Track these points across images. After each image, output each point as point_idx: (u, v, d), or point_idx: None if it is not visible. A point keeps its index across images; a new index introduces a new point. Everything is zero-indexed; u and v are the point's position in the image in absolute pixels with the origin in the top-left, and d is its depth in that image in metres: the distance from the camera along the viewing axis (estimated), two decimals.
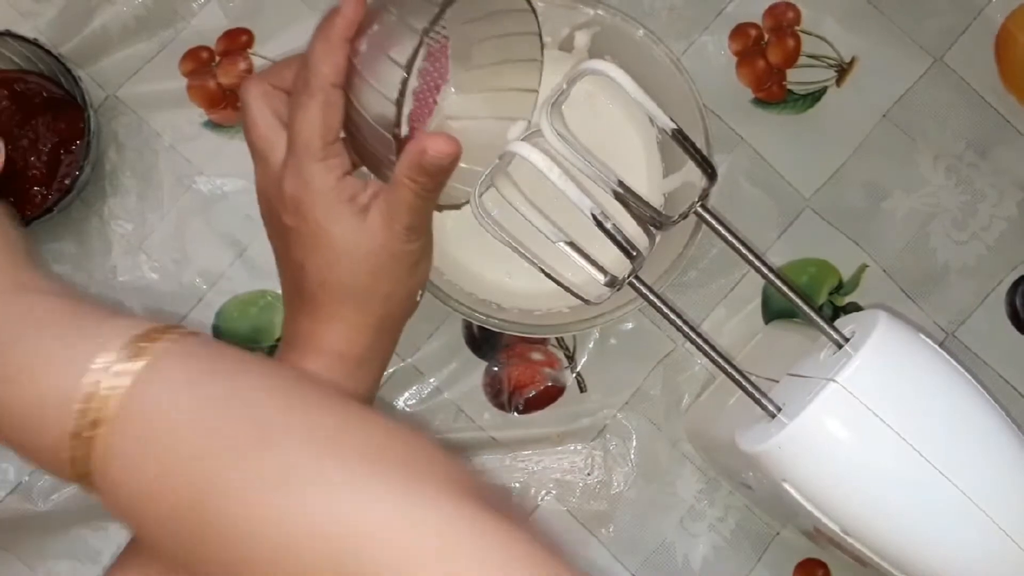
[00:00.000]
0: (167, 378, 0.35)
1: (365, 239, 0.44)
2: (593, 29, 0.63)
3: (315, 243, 0.44)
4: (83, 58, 0.70)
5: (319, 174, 0.43)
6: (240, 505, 0.33)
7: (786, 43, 0.71)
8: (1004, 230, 0.71)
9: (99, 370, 0.35)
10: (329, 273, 0.44)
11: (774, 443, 0.54)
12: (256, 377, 0.37)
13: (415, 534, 0.32)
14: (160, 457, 0.34)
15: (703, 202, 0.52)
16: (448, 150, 0.42)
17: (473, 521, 0.33)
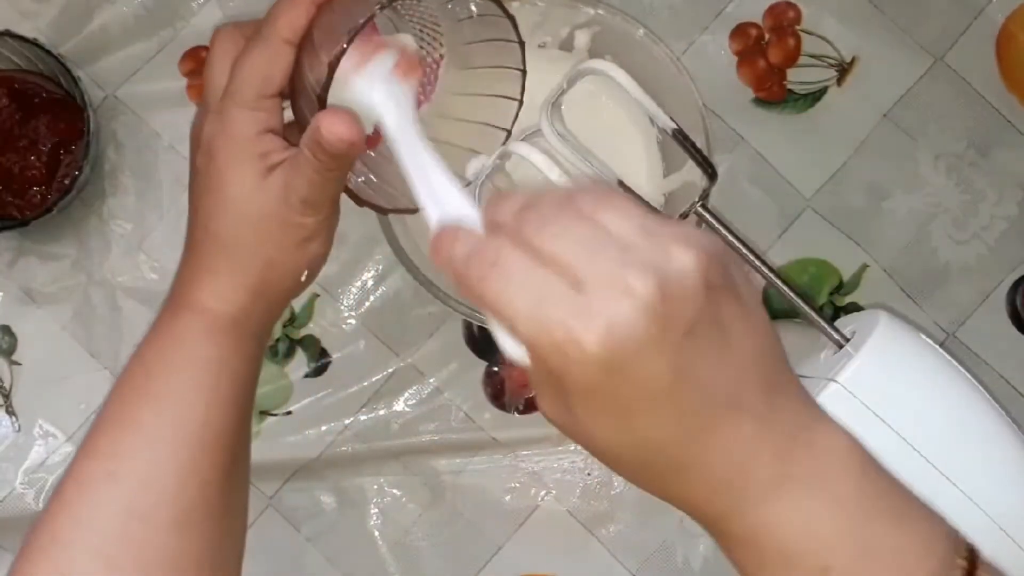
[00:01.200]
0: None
1: (259, 198, 0.42)
2: (593, 29, 0.63)
3: (212, 188, 0.43)
4: (83, 58, 0.70)
5: (240, 121, 0.42)
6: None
7: (787, 43, 0.71)
8: (1005, 230, 0.71)
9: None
10: (214, 221, 0.43)
11: None
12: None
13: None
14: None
15: (703, 202, 0.52)
16: (343, 134, 0.40)
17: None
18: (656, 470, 0.36)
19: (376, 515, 0.68)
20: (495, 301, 0.33)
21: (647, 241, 0.33)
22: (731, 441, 0.35)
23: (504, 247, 0.34)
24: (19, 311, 0.69)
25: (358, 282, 0.70)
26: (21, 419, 0.68)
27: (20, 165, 0.66)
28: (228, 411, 0.44)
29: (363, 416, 0.69)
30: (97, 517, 0.40)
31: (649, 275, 0.32)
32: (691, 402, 0.34)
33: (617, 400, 0.33)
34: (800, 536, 0.35)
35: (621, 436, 0.35)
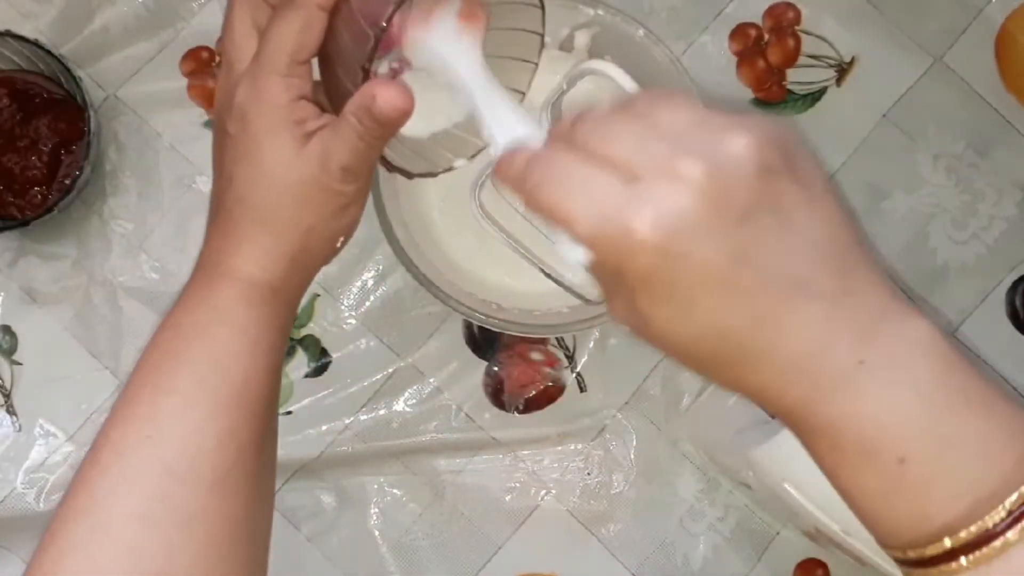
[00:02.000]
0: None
1: (298, 165, 0.42)
2: (593, 29, 0.63)
3: (248, 156, 0.42)
4: (83, 58, 0.70)
5: (275, 88, 0.41)
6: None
7: (786, 43, 0.71)
8: (1004, 230, 0.71)
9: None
10: (252, 190, 0.43)
11: (774, 443, 0.54)
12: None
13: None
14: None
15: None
16: (399, 104, 0.40)
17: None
18: (727, 361, 0.35)
19: (376, 515, 0.69)
20: (553, 206, 0.34)
21: (700, 130, 0.34)
22: (803, 325, 0.34)
23: (558, 153, 0.35)
24: (20, 311, 0.69)
25: (358, 282, 0.70)
26: (22, 419, 0.68)
27: (21, 165, 0.66)
28: (263, 377, 0.44)
29: (363, 416, 0.69)
30: (136, 479, 0.41)
31: (699, 160, 0.32)
32: (754, 286, 0.33)
33: (676, 287, 0.33)
34: (877, 426, 0.35)
35: (686, 327, 0.34)
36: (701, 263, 0.33)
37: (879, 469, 0.35)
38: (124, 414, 0.42)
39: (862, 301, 0.35)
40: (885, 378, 0.34)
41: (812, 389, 0.35)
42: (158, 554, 0.40)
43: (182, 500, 0.41)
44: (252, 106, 0.42)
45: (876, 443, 0.35)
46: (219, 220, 0.44)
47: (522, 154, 0.36)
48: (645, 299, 0.34)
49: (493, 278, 0.65)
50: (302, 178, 0.42)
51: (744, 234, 0.33)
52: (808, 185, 0.35)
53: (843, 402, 0.35)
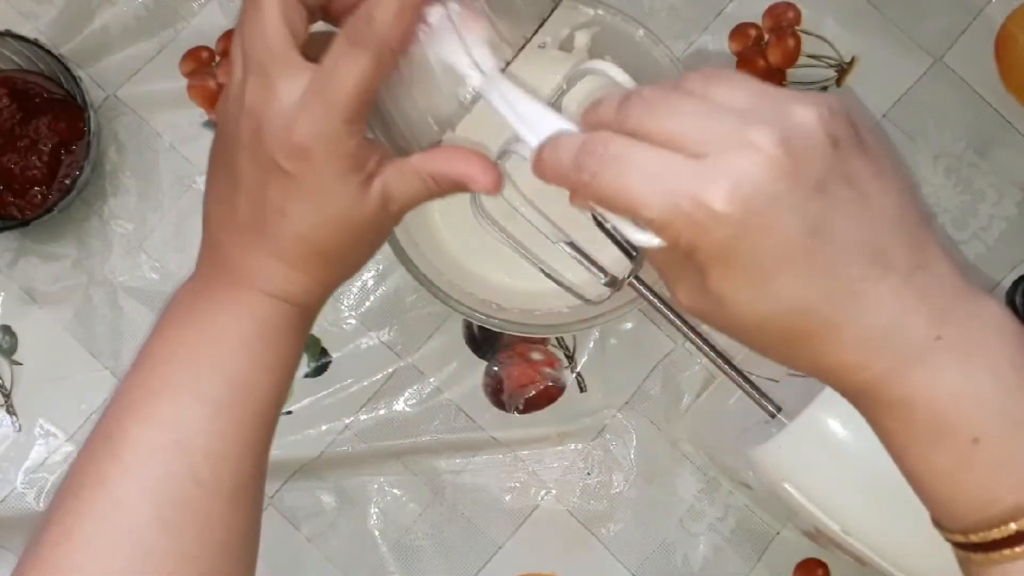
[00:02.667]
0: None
1: (360, 210, 0.42)
2: (593, 29, 0.63)
3: (310, 198, 0.41)
4: (83, 58, 0.70)
5: (344, 135, 0.40)
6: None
7: (786, 43, 0.71)
8: (1003, 230, 0.71)
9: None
10: (314, 233, 0.42)
11: (774, 443, 0.54)
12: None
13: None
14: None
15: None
16: (498, 191, 0.41)
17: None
18: (804, 336, 0.35)
19: (376, 515, 0.69)
20: (614, 192, 0.33)
21: (764, 102, 0.33)
22: (881, 299, 0.34)
23: (612, 138, 0.34)
24: (20, 311, 0.69)
25: (358, 282, 0.70)
26: (22, 419, 0.68)
27: (21, 165, 0.66)
28: (284, 390, 0.44)
29: (363, 416, 0.69)
30: (161, 484, 0.40)
31: (771, 130, 0.32)
32: (832, 259, 0.33)
33: (755, 261, 0.33)
34: (952, 404, 0.34)
35: (764, 302, 0.34)
36: (780, 235, 0.32)
37: (952, 448, 0.34)
38: (148, 412, 0.42)
39: (935, 276, 0.35)
40: (962, 356, 0.34)
41: (891, 363, 0.34)
42: (175, 559, 0.40)
43: (201, 507, 0.41)
44: (319, 150, 0.40)
45: (951, 421, 0.34)
46: (264, 242, 0.43)
47: (567, 145, 0.35)
48: (720, 276, 0.34)
49: (493, 278, 0.65)
50: (364, 219, 0.42)
51: (821, 205, 0.32)
52: (876, 158, 0.34)
53: (920, 377, 0.34)
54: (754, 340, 0.36)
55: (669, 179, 0.32)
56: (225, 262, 0.44)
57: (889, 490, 0.52)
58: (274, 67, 0.40)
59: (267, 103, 0.40)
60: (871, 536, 0.53)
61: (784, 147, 0.32)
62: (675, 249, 0.34)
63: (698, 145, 0.32)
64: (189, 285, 0.45)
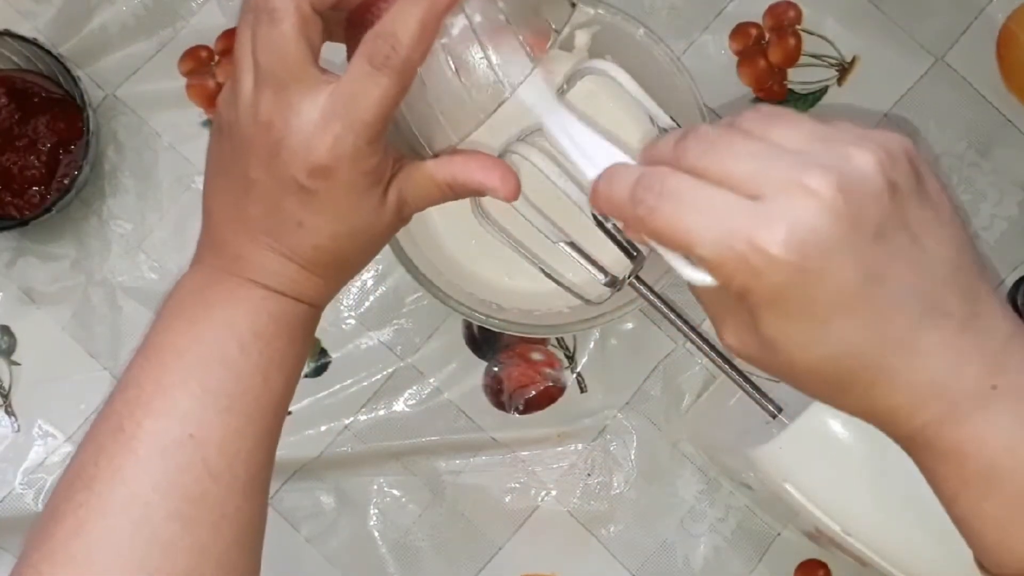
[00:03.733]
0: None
1: (380, 221, 0.43)
2: (593, 28, 0.63)
3: (328, 213, 0.41)
4: (82, 58, 0.70)
5: (367, 154, 0.40)
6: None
7: (787, 42, 0.71)
8: (1005, 230, 0.71)
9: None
10: (332, 243, 0.43)
11: (775, 444, 0.54)
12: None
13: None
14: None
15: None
16: (516, 195, 0.42)
17: None
18: (857, 382, 0.35)
19: (376, 515, 0.68)
20: (669, 228, 0.33)
21: (822, 145, 0.33)
22: (936, 347, 0.34)
23: (669, 175, 0.34)
24: (19, 311, 0.69)
25: (358, 282, 0.70)
26: (20, 419, 0.68)
27: (20, 165, 0.66)
28: (293, 386, 0.45)
29: (363, 416, 0.69)
30: (179, 478, 0.40)
31: (829, 175, 0.31)
32: (888, 306, 0.33)
33: (809, 306, 0.32)
34: (1006, 453, 0.34)
35: (817, 348, 0.34)
36: (836, 281, 0.32)
37: (1003, 497, 0.35)
38: (162, 407, 0.41)
39: (990, 325, 0.35)
40: (1017, 406, 0.34)
41: (945, 411, 0.34)
42: (191, 552, 0.40)
43: (216, 501, 0.41)
44: (341, 169, 0.40)
45: (1004, 470, 0.35)
46: (277, 245, 0.43)
47: (624, 178, 0.35)
48: (773, 320, 0.33)
49: (493, 278, 0.65)
50: (380, 230, 0.43)
51: (878, 252, 0.32)
52: (935, 205, 0.34)
53: (975, 426, 0.34)
54: (804, 384, 0.36)
55: (725, 219, 0.32)
56: (237, 260, 0.44)
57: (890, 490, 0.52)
58: (293, 83, 0.39)
59: (285, 120, 0.40)
60: (872, 537, 0.53)
61: (842, 193, 0.31)
62: (727, 289, 0.33)
63: (755, 186, 0.32)
64: (194, 277, 0.45)
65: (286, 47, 0.39)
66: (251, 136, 0.41)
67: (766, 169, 0.32)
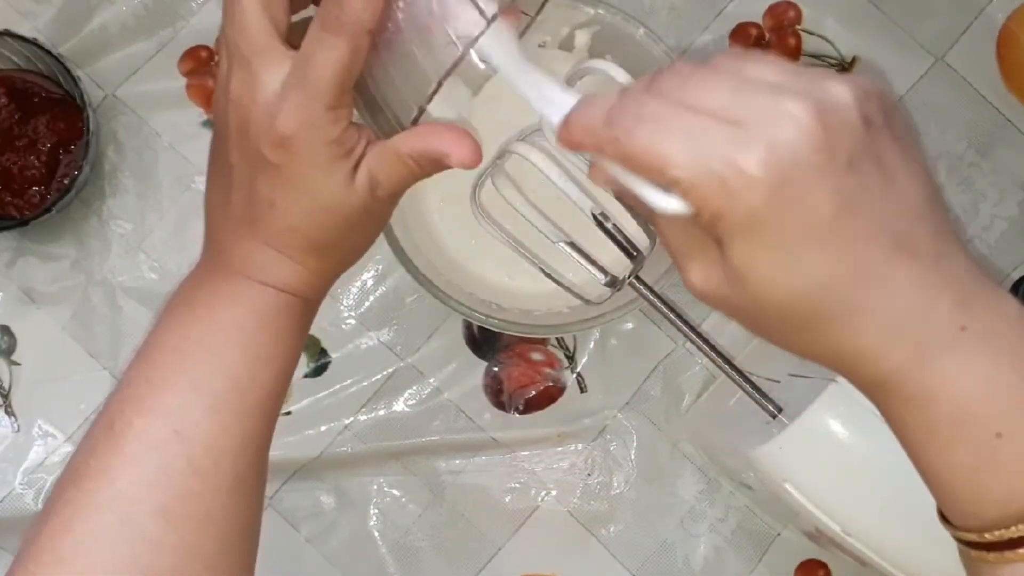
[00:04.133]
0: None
1: (350, 198, 0.42)
2: (593, 28, 0.63)
3: (299, 188, 0.41)
4: (82, 58, 0.70)
5: (325, 122, 0.39)
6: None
7: (787, 42, 0.71)
8: (1005, 230, 0.71)
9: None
10: (304, 221, 0.42)
11: (775, 444, 0.54)
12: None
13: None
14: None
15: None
16: (475, 164, 0.41)
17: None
18: (826, 319, 0.34)
19: (376, 515, 0.68)
20: (644, 148, 0.33)
21: (798, 78, 0.33)
22: (906, 283, 0.33)
23: (649, 100, 0.33)
24: (19, 311, 0.69)
25: (358, 282, 0.70)
26: (20, 419, 0.68)
27: (20, 165, 0.66)
28: (285, 382, 0.45)
29: (363, 416, 0.69)
30: (163, 475, 0.40)
31: (807, 101, 0.32)
32: (860, 236, 0.33)
33: (783, 231, 0.32)
34: (976, 397, 0.34)
35: (787, 279, 0.33)
36: (810, 208, 0.32)
37: (973, 443, 0.34)
38: (150, 404, 0.41)
39: (956, 265, 0.34)
40: (986, 348, 0.34)
41: (914, 352, 0.34)
42: (176, 551, 0.40)
43: (202, 499, 0.41)
44: (301, 139, 0.40)
45: (974, 415, 0.34)
46: (256, 234, 0.43)
47: (600, 102, 0.35)
48: (743, 249, 0.33)
49: (493, 278, 0.65)
50: (354, 207, 0.42)
51: (852, 182, 0.32)
52: (905, 143, 0.34)
53: (944, 369, 0.34)
54: (771, 323, 0.35)
55: (704, 140, 0.32)
56: (222, 254, 0.44)
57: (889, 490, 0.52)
58: (255, 58, 0.40)
59: (251, 95, 0.40)
60: (871, 537, 0.53)
61: (820, 120, 0.31)
62: (699, 217, 0.33)
63: (733, 113, 0.32)
64: (191, 277, 0.45)
65: (248, 23, 0.40)
66: (226, 117, 0.41)
67: (745, 99, 0.32)
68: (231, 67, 0.41)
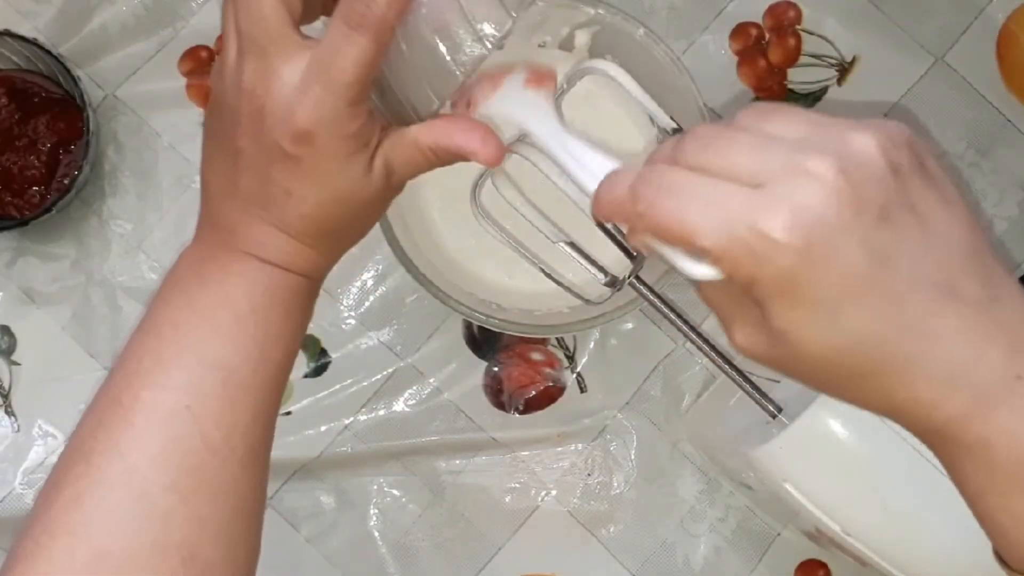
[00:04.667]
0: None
1: (366, 188, 0.42)
2: (593, 28, 0.63)
3: (316, 180, 0.41)
4: (82, 58, 0.70)
5: (347, 117, 0.39)
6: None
7: (787, 42, 0.71)
8: (1005, 230, 0.71)
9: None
10: (320, 212, 0.42)
11: (775, 443, 0.54)
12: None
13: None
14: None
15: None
16: (499, 161, 0.42)
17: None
18: (872, 372, 0.34)
19: (376, 515, 0.68)
20: (669, 220, 0.33)
21: (820, 132, 0.33)
22: (955, 332, 0.33)
23: (668, 170, 0.33)
24: (19, 311, 0.69)
25: (358, 282, 0.70)
26: (20, 419, 0.68)
27: (20, 165, 0.66)
28: (291, 360, 0.45)
29: (363, 416, 0.69)
30: (175, 449, 0.40)
31: (828, 157, 0.31)
32: (899, 289, 0.32)
33: (818, 291, 0.32)
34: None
35: (831, 337, 0.33)
36: (844, 264, 0.31)
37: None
38: (159, 378, 0.41)
39: (1009, 308, 0.34)
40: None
41: (970, 403, 0.33)
42: (190, 524, 0.40)
43: (214, 473, 0.41)
44: (323, 133, 0.40)
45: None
46: (269, 216, 0.43)
47: (623, 178, 0.35)
48: (782, 311, 0.33)
49: (493, 278, 0.65)
50: (370, 196, 0.43)
51: (885, 234, 0.32)
52: (939, 186, 0.34)
53: (1002, 418, 0.33)
54: (821, 378, 0.35)
55: (725, 207, 0.32)
56: (232, 233, 0.44)
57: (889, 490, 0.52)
58: (272, 48, 0.39)
59: (268, 86, 0.40)
60: (871, 537, 0.53)
61: (844, 175, 0.31)
62: (733, 282, 0.33)
63: (755, 176, 0.32)
64: (193, 251, 0.45)
65: (265, 12, 0.39)
66: (236, 104, 0.41)
67: (765, 158, 0.32)
68: (244, 55, 0.40)
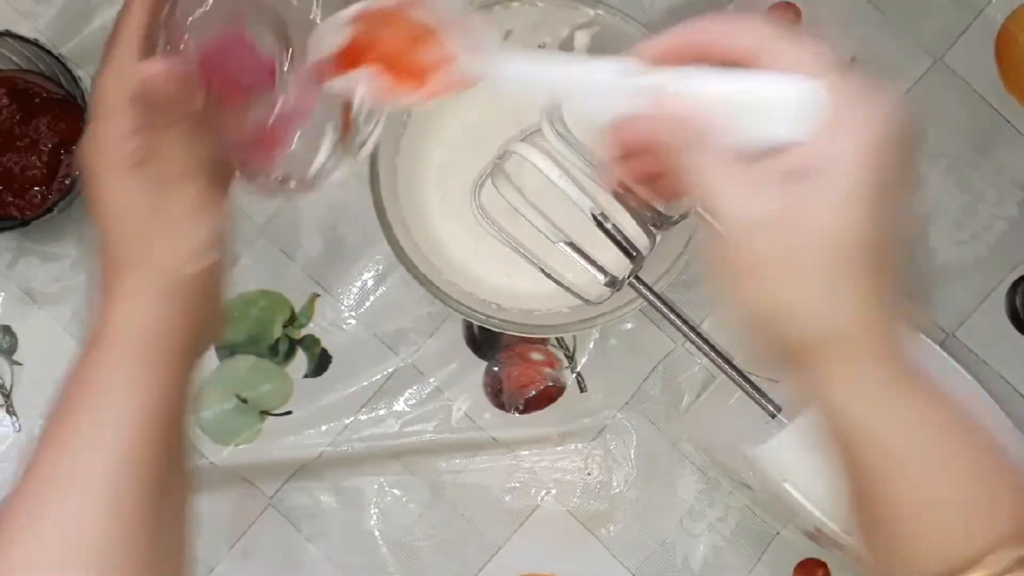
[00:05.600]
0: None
1: (127, 191, 0.40)
2: (593, 29, 0.63)
3: (93, 205, 0.40)
4: (83, 58, 0.70)
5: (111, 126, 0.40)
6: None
7: None
8: (1004, 230, 0.71)
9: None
10: (105, 238, 0.41)
11: (774, 443, 0.54)
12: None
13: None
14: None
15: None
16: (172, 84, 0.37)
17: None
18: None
19: (376, 515, 0.68)
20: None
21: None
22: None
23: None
24: (20, 311, 0.69)
25: (358, 282, 0.70)
26: (21, 419, 0.68)
27: (21, 165, 0.66)
28: (153, 425, 0.42)
29: (363, 416, 0.69)
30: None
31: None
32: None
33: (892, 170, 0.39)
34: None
35: (867, 209, 0.39)
36: (890, 169, 0.38)
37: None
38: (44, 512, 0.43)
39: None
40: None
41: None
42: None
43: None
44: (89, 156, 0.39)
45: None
46: (105, 289, 0.42)
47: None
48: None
49: (493, 278, 0.65)
50: (137, 203, 0.40)
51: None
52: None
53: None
54: (832, 253, 0.39)
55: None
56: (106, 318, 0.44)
57: None
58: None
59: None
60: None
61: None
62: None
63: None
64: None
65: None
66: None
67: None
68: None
